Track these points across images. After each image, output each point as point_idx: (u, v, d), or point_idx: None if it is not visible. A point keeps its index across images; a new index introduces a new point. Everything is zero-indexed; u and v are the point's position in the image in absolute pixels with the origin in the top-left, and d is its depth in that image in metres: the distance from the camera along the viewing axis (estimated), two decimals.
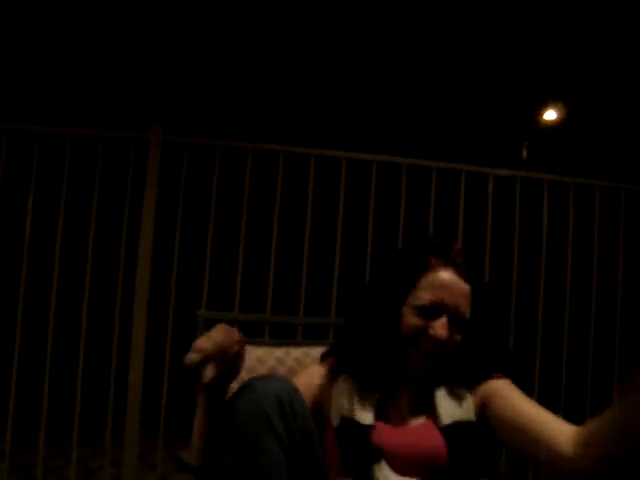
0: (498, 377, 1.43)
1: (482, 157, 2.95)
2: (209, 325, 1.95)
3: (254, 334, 1.99)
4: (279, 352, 1.84)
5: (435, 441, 1.36)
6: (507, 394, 1.39)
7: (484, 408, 1.40)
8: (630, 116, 6.29)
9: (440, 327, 1.36)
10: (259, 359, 1.79)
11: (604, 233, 2.70)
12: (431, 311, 1.37)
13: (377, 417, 1.40)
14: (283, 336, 1.88)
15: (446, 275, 1.39)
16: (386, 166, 2.56)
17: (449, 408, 1.40)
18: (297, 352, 1.80)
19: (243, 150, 2.49)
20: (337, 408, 1.42)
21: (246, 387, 1.21)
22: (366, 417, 1.39)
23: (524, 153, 7.01)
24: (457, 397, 1.42)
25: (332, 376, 1.48)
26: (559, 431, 1.27)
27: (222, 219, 2.53)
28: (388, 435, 1.37)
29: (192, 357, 1.10)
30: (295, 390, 1.23)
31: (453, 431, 1.36)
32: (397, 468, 1.34)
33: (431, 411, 1.40)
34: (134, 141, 2.44)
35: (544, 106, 7.05)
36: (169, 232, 2.45)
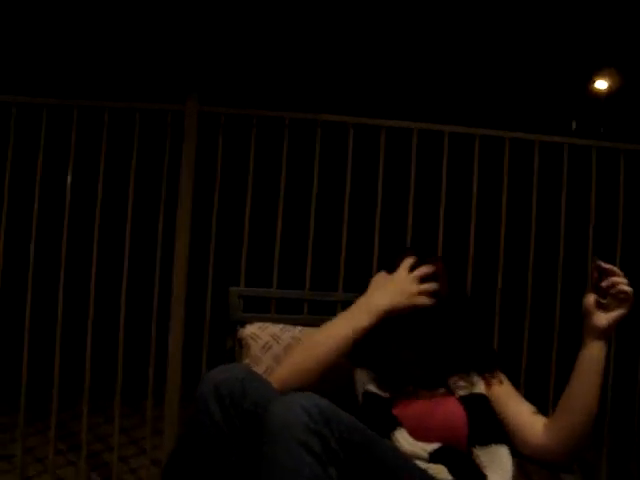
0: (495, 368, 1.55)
1: (532, 126, 2.83)
2: (245, 301, 1.95)
3: (291, 311, 1.97)
4: (296, 330, 1.82)
5: (454, 408, 1.46)
6: (500, 385, 1.51)
7: None
8: None
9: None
10: (294, 338, 1.77)
11: None
12: None
13: (395, 391, 1.50)
14: (321, 313, 1.85)
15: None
16: (425, 134, 2.48)
17: (463, 385, 1.51)
18: None
19: (280, 120, 2.44)
20: (361, 387, 1.51)
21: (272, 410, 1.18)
22: (384, 391, 1.49)
23: (574, 123, 6.79)
24: (469, 379, 1.52)
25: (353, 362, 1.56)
26: (533, 423, 1.44)
27: (260, 192, 2.50)
28: (408, 405, 1.47)
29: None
30: (322, 400, 1.19)
31: (470, 401, 1.46)
32: (418, 436, 1.41)
33: (447, 387, 1.51)
34: (170, 113, 2.41)
35: (595, 75, 6.79)
36: (207, 205, 2.43)
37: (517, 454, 1.46)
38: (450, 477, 1.34)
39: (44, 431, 2.42)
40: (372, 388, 1.50)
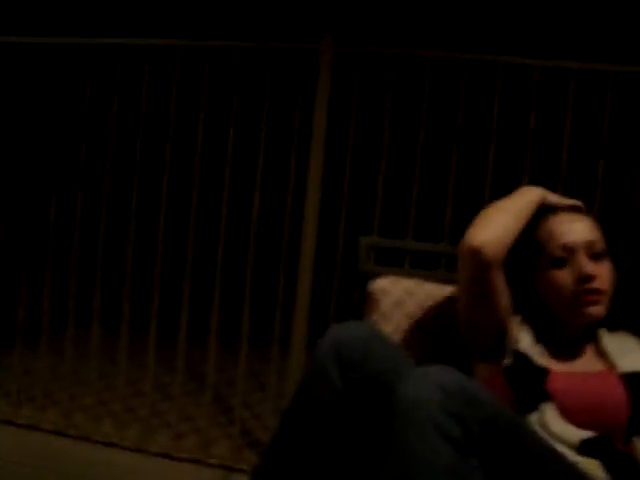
0: None
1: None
2: (376, 252, 1.82)
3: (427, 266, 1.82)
4: (432, 286, 1.66)
5: (615, 387, 1.25)
6: None
7: None
8: None
9: (581, 265, 1.30)
10: (430, 295, 1.63)
11: None
12: (565, 259, 1.33)
13: (552, 361, 1.32)
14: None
15: (559, 221, 1.37)
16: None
17: (625, 355, 1.32)
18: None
19: (423, 60, 2.25)
20: (514, 341, 1.34)
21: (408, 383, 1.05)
22: (540, 358, 1.30)
23: None
24: (629, 345, 1.35)
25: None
26: None
27: (397, 136, 2.34)
28: (562, 380, 1.26)
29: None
30: (463, 378, 1.04)
31: (634, 381, 1.26)
32: (567, 416, 1.22)
33: (605, 358, 1.32)
34: (304, 53, 2.30)
35: None
36: (340, 149, 2.31)
37: None
38: (604, 475, 1.15)
39: (176, 371, 2.45)
40: (526, 349, 1.32)
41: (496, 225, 1.31)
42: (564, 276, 1.33)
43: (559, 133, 2.18)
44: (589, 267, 1.30)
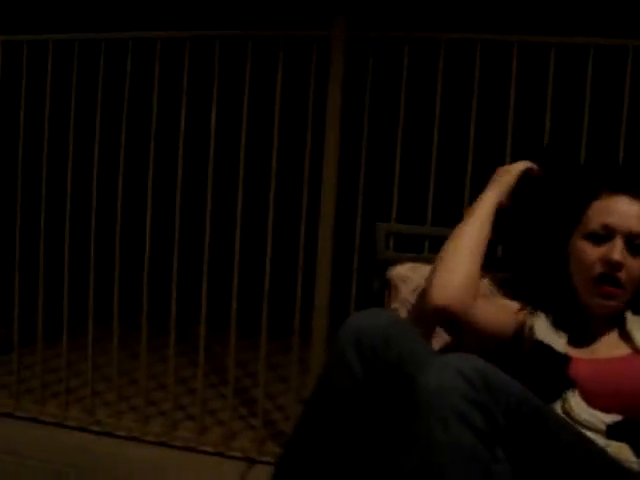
0: None
1: None
2: (395, 238, 1.79)
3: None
4: None
5: None
6: None
7: None
8: None
9: (613, 250, 1.26)
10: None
11: None
12: (603, 238, 1.29)
13: (572, 347, 1.29)
14: None
15: (615, 199, 1.31)
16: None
17: None
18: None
19: (436, 42, 2.21)
20: (530, 331, 1.31)
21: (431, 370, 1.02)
22: (561, 345, 1.27)
23: None
24: None
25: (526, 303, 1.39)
26: None
27: (413, 120, 2.30)
28: (585, 366, 1.24)
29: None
30: (485, 365, 1.01)
31: None
32: (593, 402, 1.19)
33: (631, 342, 1.27)
34: (316, 40, 2.27)
35: None
36: (356, 134, 2.28)
37: None
38: (634, 459, 1.13)
39: (197, 364, 2.45)
40: (546, 338, 1.29)
41: (457, 276, 1.30)
42: (593, 252, 1.30)
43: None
44: (619, 255, 1.26)
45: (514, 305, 1.39)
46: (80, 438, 2.40)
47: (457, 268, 1.31)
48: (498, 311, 1.36)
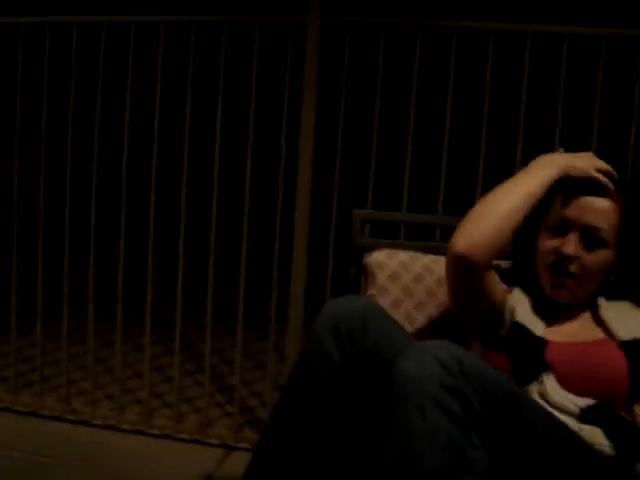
0: None
1: None
2: (371, 225, 1.80)
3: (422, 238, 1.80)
4: (427, 259, 1.65)
5: (614, 355, 1.24)
6: None
7: None
8: None
9: (566, 243, 1.29)
10: (426, 267, 1.61)
11: None
12: (561, 230, 1.31)
13: (549, 332, 1.29)
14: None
15: (578, 196, 1.31)
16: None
17: (625, 324, 1.28)
18: None
19: (411, 28, 2.20)
20: (512, 315, 1.31)
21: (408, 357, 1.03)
22: (539, 329, 1.28)
23: None
24: (629, 313, 1.32)
25: (509, 284, 1.40)
26: None
27: (389, 107, 2.30)
28: (561, 350, 1.25)
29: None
30: (462, 352, 1.03)
31: (634, 348, 1.25)
32: (567, 386, 1.21)
33: (605, 328, 1.30)
34: (292, 25, 2.25)
35: None
36: (331, 121, 2.27)
37: None
38: (606, 442, 1.14)
39: (173, 352, 2.44)
40: (524, 320, 1.30)
41: (485, 228, 1.25)
42: (549, 244, 1.33)
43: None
44: (570, 249, 1.28)
45: (503, 286, 1.41)
46: (55, 427, 2.39)
47: (490, 219, 1.25)
48: (496, 285, 1.37)
